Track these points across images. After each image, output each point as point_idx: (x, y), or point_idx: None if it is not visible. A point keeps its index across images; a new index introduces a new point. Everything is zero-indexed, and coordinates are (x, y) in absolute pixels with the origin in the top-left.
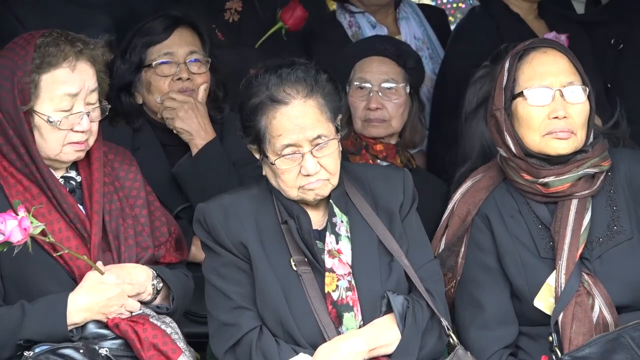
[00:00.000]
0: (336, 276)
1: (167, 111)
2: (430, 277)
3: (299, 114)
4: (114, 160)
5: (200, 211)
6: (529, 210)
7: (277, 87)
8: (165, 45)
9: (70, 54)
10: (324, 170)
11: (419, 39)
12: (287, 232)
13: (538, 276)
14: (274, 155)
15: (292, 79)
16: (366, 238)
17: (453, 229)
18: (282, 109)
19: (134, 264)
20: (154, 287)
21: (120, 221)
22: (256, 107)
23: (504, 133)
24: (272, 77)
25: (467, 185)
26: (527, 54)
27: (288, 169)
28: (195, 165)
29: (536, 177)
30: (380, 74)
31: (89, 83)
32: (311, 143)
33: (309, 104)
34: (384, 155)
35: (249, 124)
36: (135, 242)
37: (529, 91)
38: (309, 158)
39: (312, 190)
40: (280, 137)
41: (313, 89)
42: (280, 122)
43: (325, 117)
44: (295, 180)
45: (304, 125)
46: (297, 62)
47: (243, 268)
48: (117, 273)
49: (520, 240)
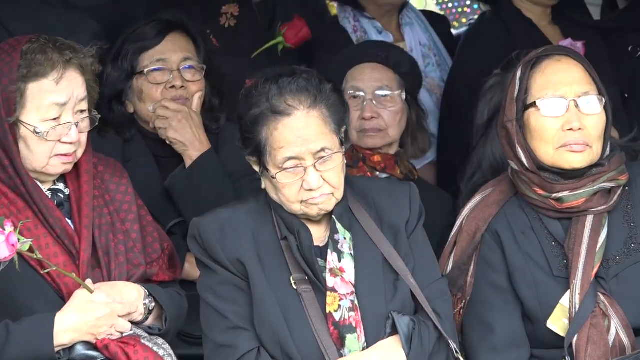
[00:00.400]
0: (338, 296)
1: (159, 120)
2: (437, 297)
3: (302, 125)
4: (104, 172)
5: (195, 226)
6: (542, 226)
7: (279, 98)
8: (158, 51)
9: (58, 62)
10: (328, 185)
11: (424, 46)
12: (286, 249)
13: (551, 296)
14: (275, 168)
15: (294, 88)
16: (370, 256)
17: (462, 247)
18: (284, 120)
19: (124, 282)
20: (146, 306)
21: (111, 236)
22: (256, 118)
23: (515, 145)
24: (273, 87)
25: (476, 199)
26: (540, 62)
27: (289, 183)
28: (189, 177)
29: (549, 192)
30: (373, 82)
31: (78, 92)
32: (314, 156)
33: (312, 115)
34: (382, 166)
35: (249, 136)
36: (126, 259)
37: (542, 101)
38: (311, 172)
39: (316, 205)
40: (282, 149)
41: (317, 99)
42: (282, 134)
43: (329, 129)
44: (297, 195)
45: (306, 137)
46: (299, 71)
47: (240, 286)
48: (107, 291)
49: (532, 258)
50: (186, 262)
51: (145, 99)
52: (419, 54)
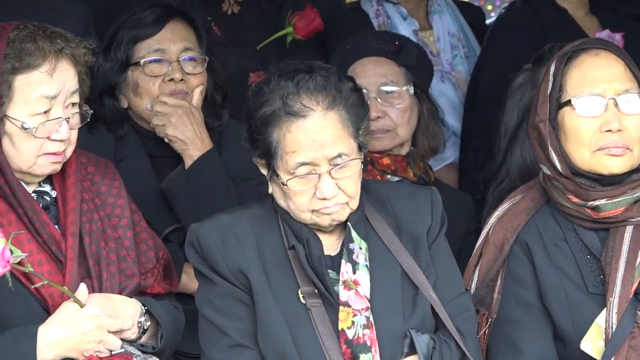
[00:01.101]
0: (352, 311)
1: (157, 117)
2: (460, 313)
3: (318, 128)
4: (94, 173)
5: (193, 233)
6: (576, 237)
7: (294, 97)
8: (156, 40)
9: (50, 52)
10: (343, 194)
11: (453, 35)
12: (294, 259)
13: (586, 315)
14: (286, 174)
15: (311, 87)
16: (388, 267)
17: (488, 259)
18: (298, 122)
19: (122, 296)
20: (141, 325)
21: (102, 244)
22: (267, 118)
23: (548, 148)
24: (288, 84)
25: (504, 207)
26: (575, 56)
27: (301, 191)
28: (189, 179)
29: (585, 200)
30: (376, 77)
31: (69, 84)
32: (330, 162)
33: (329, 117)
34: (392, 169)
35: (258, 137)
36: (118, 269)
37: (578, 100)
38: (326, 179)
39: (329, 215)
40: (295, 154)
41: (335, 99)
42: (296, 137)
43: (347, 132)
44: (309, 203)
45: (322, 141)
46: (317, 67)
47: (243, 300)
48: (103, 304)
49: (565, 273)
50: (183, 273)
51: (140, 92)
52: (446, 44)
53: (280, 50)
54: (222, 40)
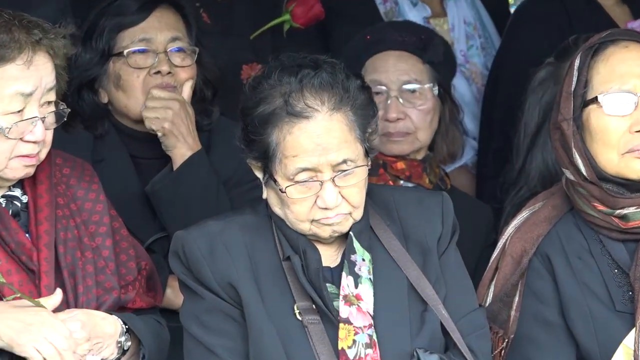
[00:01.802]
0: (353, 329)
1: (150, 110)
2: (473, 331)
3: (322, 131)
4: (69, 176)
5: (178, 241)
6: (602, 249)
7: (297, 95)
8: (141, 29)
9: (26, 44)
10: (346, 203)
11: (469, 24)
12: (289, 271)
13: (612, 335)
14: (285, 180)
15: (316, 84)
16: (393, 281)
17: (505, 273)
18: (301, 124)
19: (103, 313)
20: (121, 345)
21: (78, 254)
22: (266, 118)
23: (571, 150)
24: (290, 81)
25: (522, 216)
26: (603, 48)
27: (301, 199)
28: (177, 182)
29: (612, 208)
30: (399, 74)
31: (46, 80)
32: (333, 169)
33: (335, 118)
34: (407, 175)
35: (255, 138)
36: (95, 282)
37: (606, 97)
38: (329, 187)
39: (329, 226)
40: (296, 158)
41: (342, 99)
42: (298, 140)
43: (354, 135)
44: (309, 213)
45: (327, 145)
46: (323, 62)
47: (232, 315)
48: (83, 321)
49: (590, 289)
50: (168, 286)
51: (123, 86)
52: (461, 33)
53: (276, 40)
54: (212, 28)
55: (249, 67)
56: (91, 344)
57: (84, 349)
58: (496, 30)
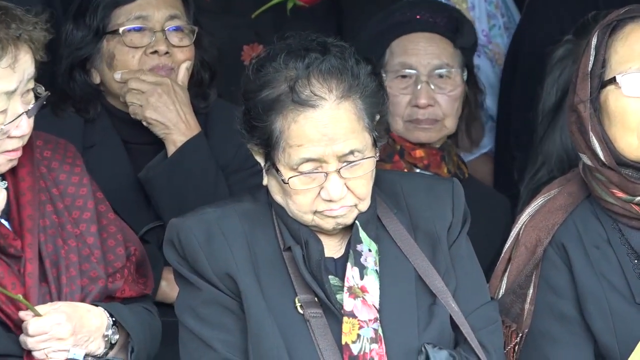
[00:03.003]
0: (358, 322)
1: (132, 94)
2: (485, 326)
3: (329, 120)
4: (51, 158)
5: (173, 229)
6: (622, 239)
7: (303, 82)
8: (138, 5)
9: (8, 43)
10: (352, 195)
11: (490, 3)
12: (290, 263)
13: (632, 329)
14: (288, 170)
15: (324, 70)
16: (400, 272)
17: (518, 264)
18: (306, 112)
19: (88, 305)
20: (108, 338)
21: (60, 242)
22: (270, 104)
23: (588, 134)
24: (298, 66)
25: (537, 203)
26: (622, 26)
27: (304, 190)
28: (172, 168)
29: (632, 195)
30: (430, 57)
31: (28, 72)
32: (339, 160)
33: (343, 107)
34: (425, 163)
35: (258, 124)
36: (79, 272)
37: (624, 77)
38: (334, 179)
39: (333, 218)
40: (301, 148)
41: (351, 87)
42: (303, 129)
43: (362, 125)
44: (312, 204)
45: (333, 135)
46: (331, 45)
47: (230, 308)
48: (68, 313)
49: (608, 280)
50: (163, 279)
51: (117, 66)
52: (482, 12)
53: (280, 19)
54: (211, 6)
55: (250, 47)
56: (76, 338)
57: (68, 343)
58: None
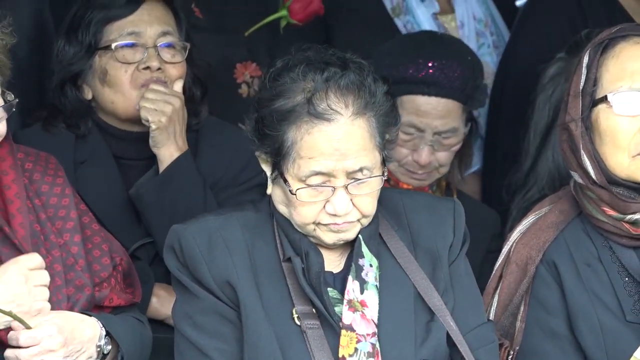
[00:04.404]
0: (356, 336)
1: (147, 100)
2: (482, 345)
3: (343, 135)
4: (32, 170)
5: (175, 235)
6: (612, 257)
7: (320, 95)
8: (130, 22)
9: None
10: (356, 211)
11: (480, 21)
12: (289, 273)
13: (623, 347)
14: (297, 181)
15: (342, 85)
16: (400, 289)
17: (509, 282)
18: (321, 126)
19: (82, 315)
20: (100, 349)
21: (43, 252)
22: (285, 114)
23: (580, 152)
24: (315, 78)
25: (528, 221)
26: (613, 45)
27: (310, 203)
28: (164, 185)
29: (623, 213)
30: (439, 122)
31: None
32: (348, 176)
33: (357, 123)
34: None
35: (270, 132)
36: (65, 280)
37: (616, 96)
38: (341, 194)
39: (335, 233)
40: (312, 160)
41: (367, 104)
42: (316, 141)
43: (373, 143)
44: (316, 216)
45: (346, 151)
46: (350, 61)
47: (228, 317)
48: (60, 325)
49: (599, 298)
50: (154, 295)
51: (109, 81)
52: (471, 30)
53: (273, 37)
54: (205, 23)
55: (242, 65)
56: (67, 349)
57: (59, 355)
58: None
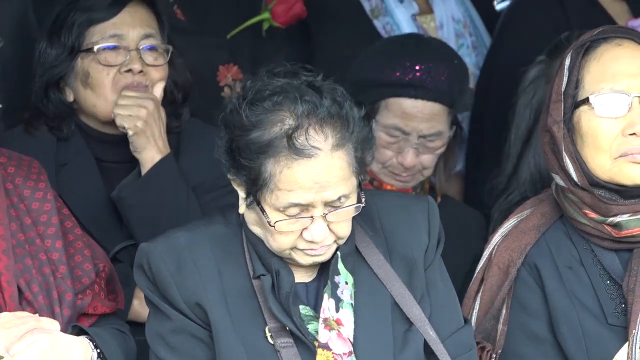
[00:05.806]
0: (332, 355)
1: (122, 107)
2: (461, 352)
3: (322, 169)
4: (15, 174)
5: (143, 254)
6: (594, 259)
7: (300, 132)
8: (112, 24)
9: None
10: (333, 235)
11: (458, 22)
12: (259, 291)
13: (604, 350)
14: (275, 212)
15: (320, 117)
16: (377, 300)
17: (491, 285)
18: (301, 160)
19: (71, 338)
20: None
21: (29, 262)
22: (264, 147)
23: (561, 154)
24: (292, 110)
25: (510, 224)
26: (595, 46)
27: (288, 232)
28: (145, 188)
29: (604, 215)
30: (425, 125)
31: None
32: (326, 205)
33: (337, 155)
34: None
35: (246, 163)
36: (45, 289)
37: (597, 97)
38: (319, 224)
39: (311, 257)
40: (291, 193)
41: (344, 136)
42: (296, 176)
43: (351, 170)
44: (293, 243)
45: (325, 184)
46: (321, 86)
47: (200, 337)
48: (44, 350)
49: (580, 301)
50: (135, 298)
51: (91, 84)
52: (450, 32)
53: (255, 39)
54: (187, 26)
55: (225, 67)
56: None
57: None
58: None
